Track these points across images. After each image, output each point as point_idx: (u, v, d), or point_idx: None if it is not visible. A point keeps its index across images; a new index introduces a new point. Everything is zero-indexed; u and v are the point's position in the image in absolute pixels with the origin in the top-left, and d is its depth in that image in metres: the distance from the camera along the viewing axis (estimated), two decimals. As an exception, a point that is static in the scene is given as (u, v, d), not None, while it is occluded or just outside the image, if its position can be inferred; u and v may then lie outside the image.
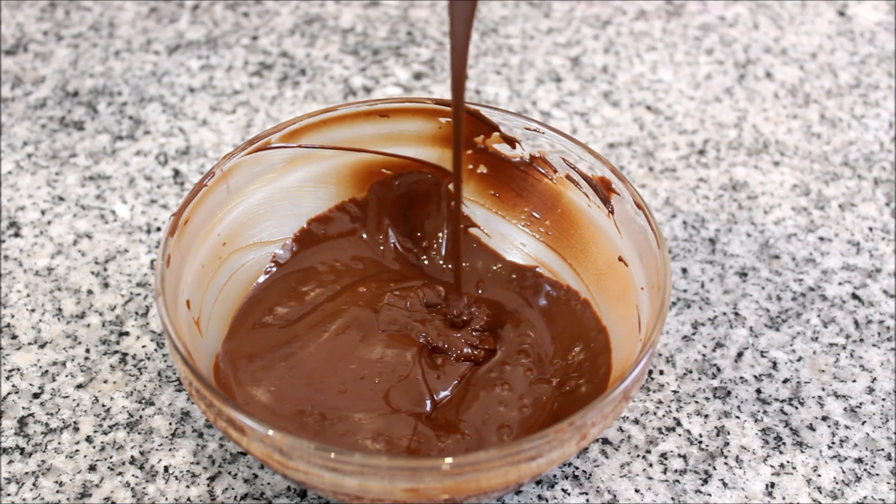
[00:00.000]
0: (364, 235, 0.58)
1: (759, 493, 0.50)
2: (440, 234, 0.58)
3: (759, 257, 0.62)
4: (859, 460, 0.52)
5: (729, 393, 0.55)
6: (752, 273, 0.61)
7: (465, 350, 0.52)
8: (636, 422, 0.53)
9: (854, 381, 0.56)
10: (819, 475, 0.51)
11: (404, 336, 0.53)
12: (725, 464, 0.51)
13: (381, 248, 0.58)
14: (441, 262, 0.58)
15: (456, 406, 0.51)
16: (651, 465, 0.51)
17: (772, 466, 0.51)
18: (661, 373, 0.55)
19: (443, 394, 0.51)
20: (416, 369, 0.52)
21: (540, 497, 0.50)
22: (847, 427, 0.53)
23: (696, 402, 0.54)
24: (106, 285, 0.59)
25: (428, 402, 0.50)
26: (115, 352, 0.55)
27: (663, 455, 0.52)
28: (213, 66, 0.74)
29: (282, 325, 0.54)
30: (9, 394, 0.53)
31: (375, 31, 0.78)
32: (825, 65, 0.77)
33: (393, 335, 0.53)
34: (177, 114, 0.70)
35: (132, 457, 0.50)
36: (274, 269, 0.56)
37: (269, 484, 0.50)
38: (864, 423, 0.54)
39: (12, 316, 0.57)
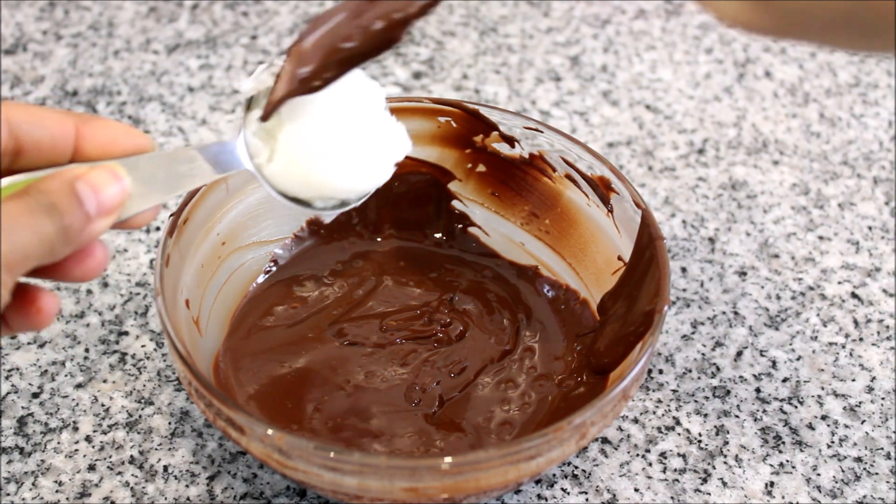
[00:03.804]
0: (364, 235, 0.58)
1: (759, 492, 0.50)
2: (440, 234, 0.59)
3: (758, 256, 0.62)
4: (859, 459, 0.52)
5: (728, 392, 0.55)
6: (751, 272, 0.61)
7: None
8: (636, 421, 0.53)
9: (853, 380, 0.56)
10: (818, 474, 0.51)
11: (406, 335, 0.53)
12: (725, 463, 0.51)
13: (381, 247, 0.58)
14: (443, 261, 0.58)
15: (459, 404, 0.51)
16: (650, 465, 0.51)
17: (771, 465, 0.51)
18: (661, 372, 0.55)
19: (446, 392, 0.51)
20: (419, 368, 0.52)
21: (539, 496, 0.50)
22: (846, 426, 0.53)
23: (696, 401, 0.54)
24: (105, 285, 0.59)
25: (431, 401, 0.50)
26: (115, 351, 0.55)
27: (663, 454, 0.52)
28: (213, 66, 0.74)
29: (281, 325, 0.54)
30: (8, 393, 0.53)
31: (375, 30, 0.78)
32: (824, 64, 0.77)
33: (395, 334, 0.53)
34: (176, 113, 0.70)
35: (131, 456, 0.50)
36: (273, 268, 0.56)
37: (268, 483, 0.50)
38: (863, 422, 0.54)
39: (11, 315, 0.57)
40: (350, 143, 0.43)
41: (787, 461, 0.52)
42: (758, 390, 0.55)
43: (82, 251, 0.36)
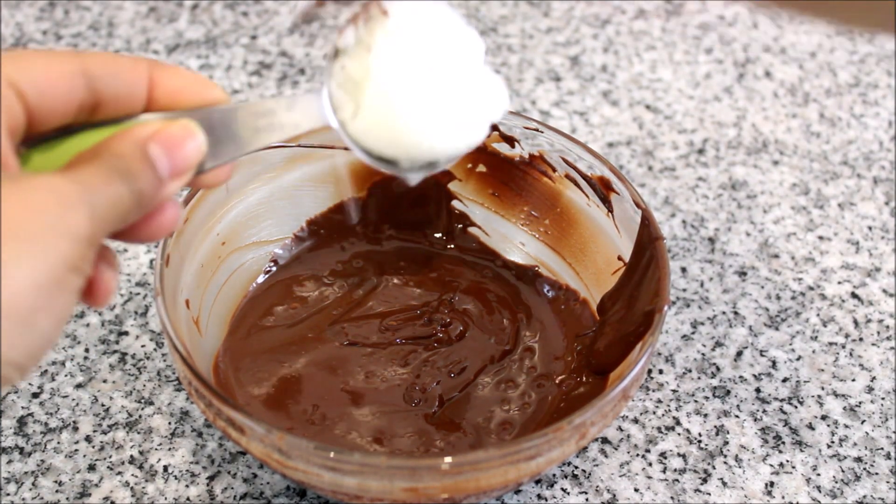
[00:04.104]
0: (364, 235, 0.58)
1: (759, 492, 0.50)
2: (440, 234, 0.59)
3: (758, 256, 0.62)
4: (859, 459, 0.52)
5: (728, 392, 0.55)
6: (751, 272, 0.61)
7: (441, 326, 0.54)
8: (635, 421, 0.53)
9: (853, 380, 0.56)
10: (818, 474, 0.51)
11: (406, 335, 0.53)
12: (725, 463, 0.51)
13: (382, 247, 0.58)
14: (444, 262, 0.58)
15: (459, 404, 0.51)
16: (650, 465, 0.51)
17: (771, 465, 0.51)
18: (661, 372, 0.55)
19: (446, 392, 0.51)
20: (419, 368, 0.52)
21: (539, 496, 0.50)
22: (846, 426, 0.53)
23: (696, 401, 0.54)
24: (105, 285, 0.59)
25: (431, 401, 0.50)
26: (115, 351, 0.55)
27: (663, 454, 0.52)
28: (213, 66, 0.74)
29: (281, 325, 0.54)
30: (8, 393, 0.53)
31: (375, 30, 0.78)
32: (824, 64, 0.77)
33: (395, 334, 0.53)
34: (176, 113, 0.70)
35: (131, 456, 0.50)
36: (273, 268, 0.56)
37: (268, 483, 0.50)
38: (863, 422, 0.54)
39: (11, 315, 0.57)
40: (444, 97, 0.39)
41: (787, 461, 0.52)
42: (758, 390, 0.55)
43: (153, 210, 0.34)
